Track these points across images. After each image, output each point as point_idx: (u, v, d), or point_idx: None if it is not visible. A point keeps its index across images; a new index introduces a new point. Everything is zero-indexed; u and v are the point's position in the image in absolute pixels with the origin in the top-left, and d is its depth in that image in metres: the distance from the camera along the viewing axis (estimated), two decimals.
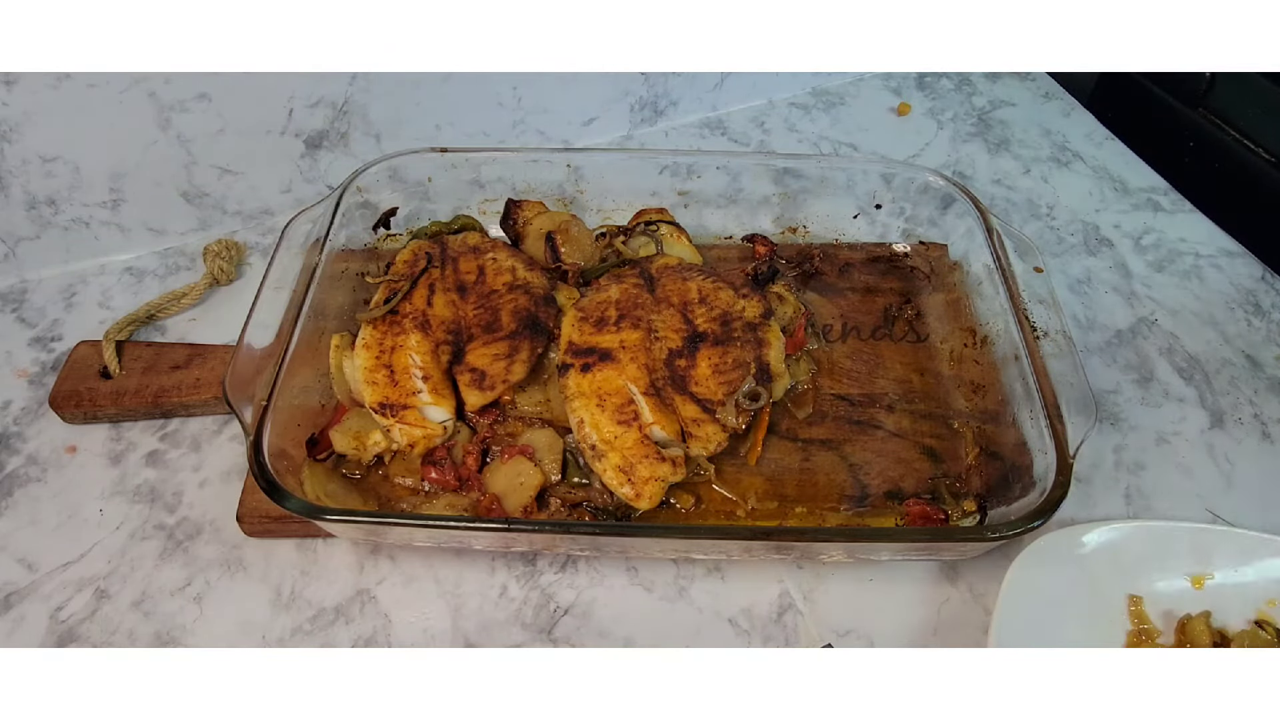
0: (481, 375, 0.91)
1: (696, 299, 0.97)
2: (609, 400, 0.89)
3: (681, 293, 0.98)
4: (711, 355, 0.93)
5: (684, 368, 0.92)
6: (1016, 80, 1.52)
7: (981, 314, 1.02)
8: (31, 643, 0.83)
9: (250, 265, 1.18)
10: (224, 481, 0.94)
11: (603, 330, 0.94)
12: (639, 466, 0.86)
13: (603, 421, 0.88)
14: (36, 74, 0.99)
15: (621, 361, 0.92)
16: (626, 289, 0.99)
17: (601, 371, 0.91)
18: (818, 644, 0.84)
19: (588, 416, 0.88)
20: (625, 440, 0.87)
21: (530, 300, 0.97)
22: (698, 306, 0.97)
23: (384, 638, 0.84)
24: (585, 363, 0.91)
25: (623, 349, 0.93)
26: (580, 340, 0.94)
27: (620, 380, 0.90)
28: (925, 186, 1.10)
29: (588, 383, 0.90)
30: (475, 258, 1.02)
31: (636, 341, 0.93)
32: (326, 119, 1.17)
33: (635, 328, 0.94)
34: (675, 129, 1.41)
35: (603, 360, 0.92)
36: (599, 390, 0.90)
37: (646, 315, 0.96)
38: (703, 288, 0.98)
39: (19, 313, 1.12)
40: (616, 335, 0.94)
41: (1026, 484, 0.84)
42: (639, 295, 0.98)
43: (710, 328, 0.94)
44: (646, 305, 0.97)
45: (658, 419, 0.89)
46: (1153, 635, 0.82)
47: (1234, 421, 1.02)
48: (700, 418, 0.89)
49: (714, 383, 0.91)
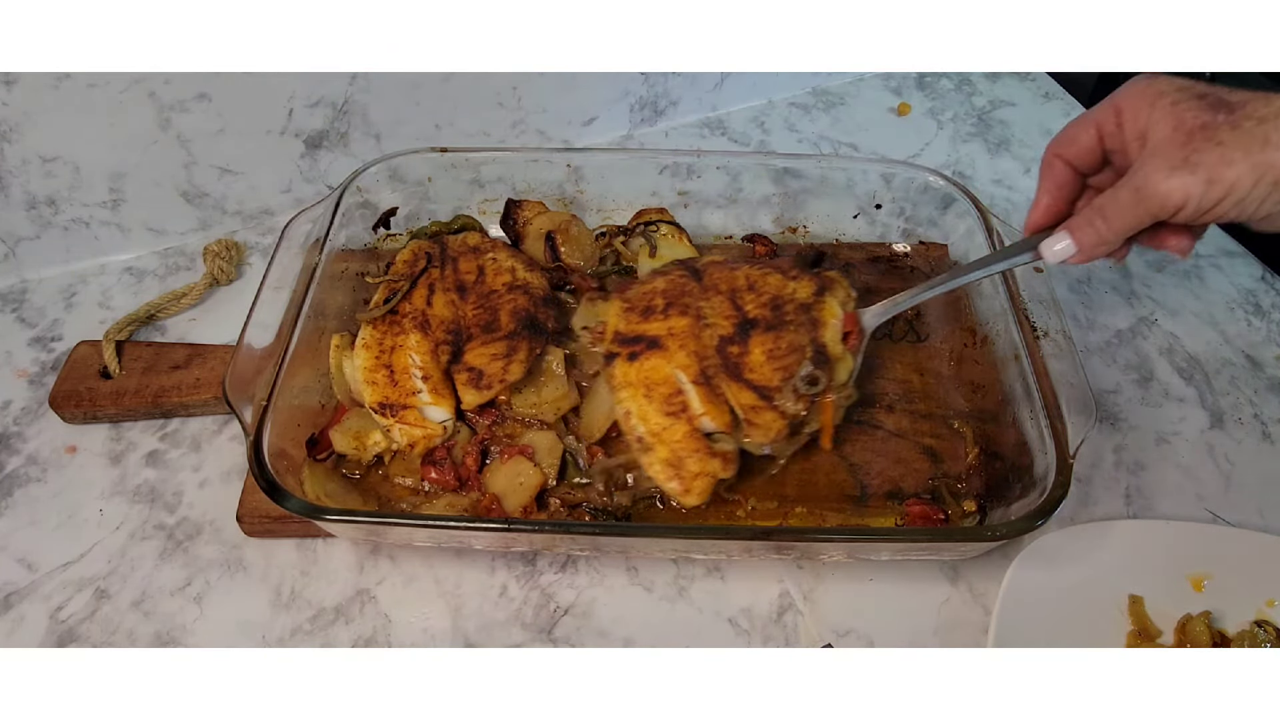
0: (479, 374, 0.91)
1: (745, 286, 0.94)
2: (656, 390, 0.86)
3: (729, 280, 0.95)
4: (765, 341, 0.89)
5: (737, 354, 0.88)
6: (1016, 80, 1.52)
7: (981, 314, 1.02)
8: (31, 643, 0.83)
9: (250, 265, 1.18)
10: (224, 481, 0.94)
11: (649, 319, 0.91)
12: (688, 461, 0.83)
13: (650, 412, 0.85)
14: (36, 74, 0.99)
15: (670, 349, 0.88)
16: (673, 279, 0.96)
17: (649, 360, 0.88)
18: (818, 644, 0.84)
19: (635, 407, 0.86)
20: (674, 433, 0.84)
21: (529, 300, 0.97)
22: (746, 293, 0.93)
23: (384, 638, 0.84)
24: (632, 351, 0.88)
25: (671, 336, 0.89)
26: (626, 329, 0.91)
27: (668, 368, 0.87)
28: (925, 186, 1.10)
29: (635, 372, 0.87)
30: (475, 258, 1.01)
31: (685, 328, 0.90)
32: (326, 119, 1.17)
33: (684, 314, 0.91)
34: (675, 129, 1.41)
35: (650, 348, 0.88)
36: (646, 379, 0.87)
37: (695, 302, 0.93)
38: (750, 274, 0.95)
39: (19, 313, 1.12)
40: (664, 323, 0.90)
41: (1026, 484, 0.84)
42: (686, 284, 0.95)
43: (761, 313, 0.91)
44: (694, 293, 0.94)
45: (707, 409, 0.85)
46: (1153, 635, 0.82)
47: (1234, 421, 1.02)
48: (758, 405, 0.86)
49: (769, 369, 0.87)
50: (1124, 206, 0.70)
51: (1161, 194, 0.66)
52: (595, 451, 0.91)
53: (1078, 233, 0.74)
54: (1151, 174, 0.67)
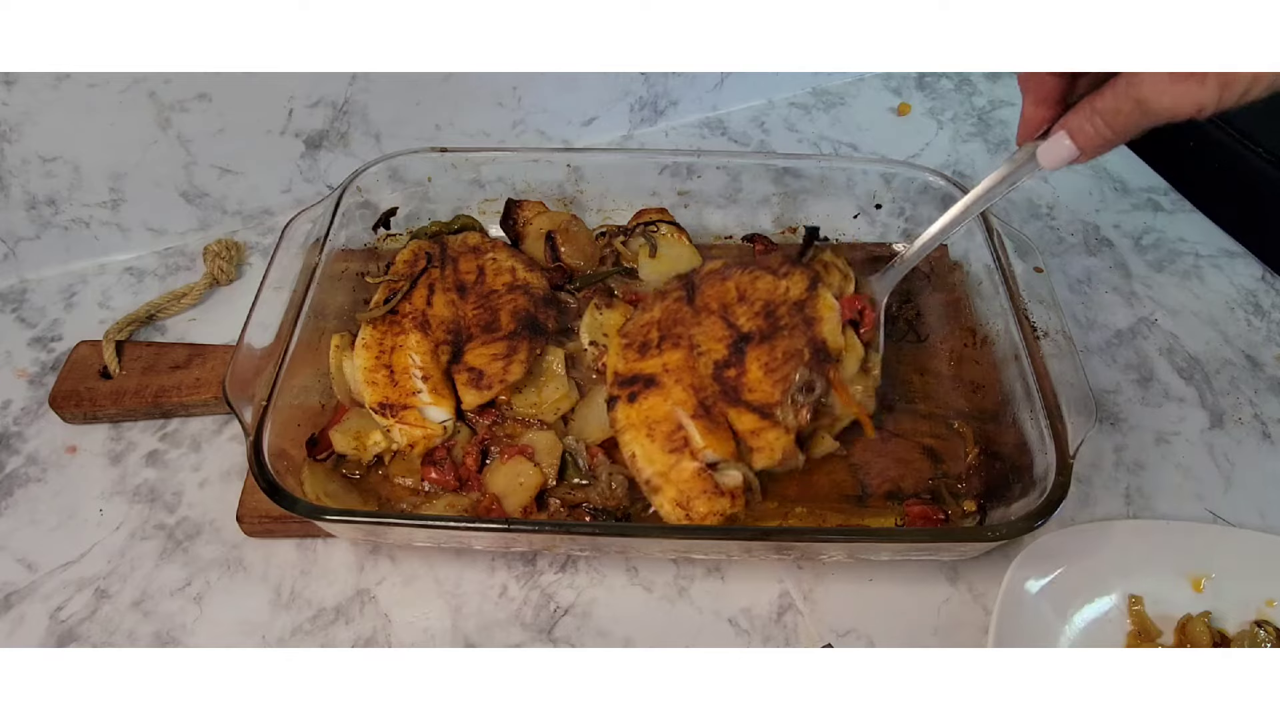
0: (479, 374, 0.91)
1: (735, 298, 0.93)
2: (658, 429, 0.86)
3: (720, 295, 0.94)
4: (760, 355, 0.88)
5: (734, 377, 0.88)
6: (1017, 80, 1.52)
7: (981, 314, 1.02)
8: (31, 643, 0.83)
9: (250, 265, 1.18)
10: (224, 481, 0.94)
11: (645, 355, 0.91)
12: (696, 502, 0.83)
13: (654, 452, 0.85)
14: (36, 74, 0.99)
15: (666, 385, 0.88)
16: (668, 305, 0.95)
17: (647, 399, 0.88)
18: (818, 644, 0.84)
19: (639, 449, 0.86)
20: (681, 473, 0.84)
21: (530, 301, 0.97)
22: (738, 306, 0.92)
23: (384, 638, 0.84)
24: (630, 392, 0.89)
25: (666, 372, 0.89)
26: (625, 369, 0.91)
27: (666, 406, 0.87)
28: (925, 186, 1.10)
29: (635, 413, 0.87)
30: (475, 258, 1.02)
31: (679, 362, 0.90)
32: (326, 119, 1.17)
33: (676, 347, 0.91)
34: (675, 129, 1.41)
35: (647, 387, 0.88)
36: (647, 419, 0.87)
37: (686, 331, 0.92)
38: (739, 283, 0.94)
39: (19, 313, 1.12)
40: (659, 359, 0.90)
41: (1026, 484, 0.84)
42: (679, 310, 0.94)
43: (754, 325, 0.90)
44: (686, 319, 0.93)
45: (709, 441, 0.85)
46: (1153, 635, 0.82)
47: (1234, 421, 1.02)
48: (758, 426, 0.85)
49: (768, 384, 0.87)
50: (1126, 115, 0.66)
51: (1168, 106, 0.63)
52: (595, 451, 0.91)
53: (1078, 134, 0.71)
54: (1154, 84, 0.64)
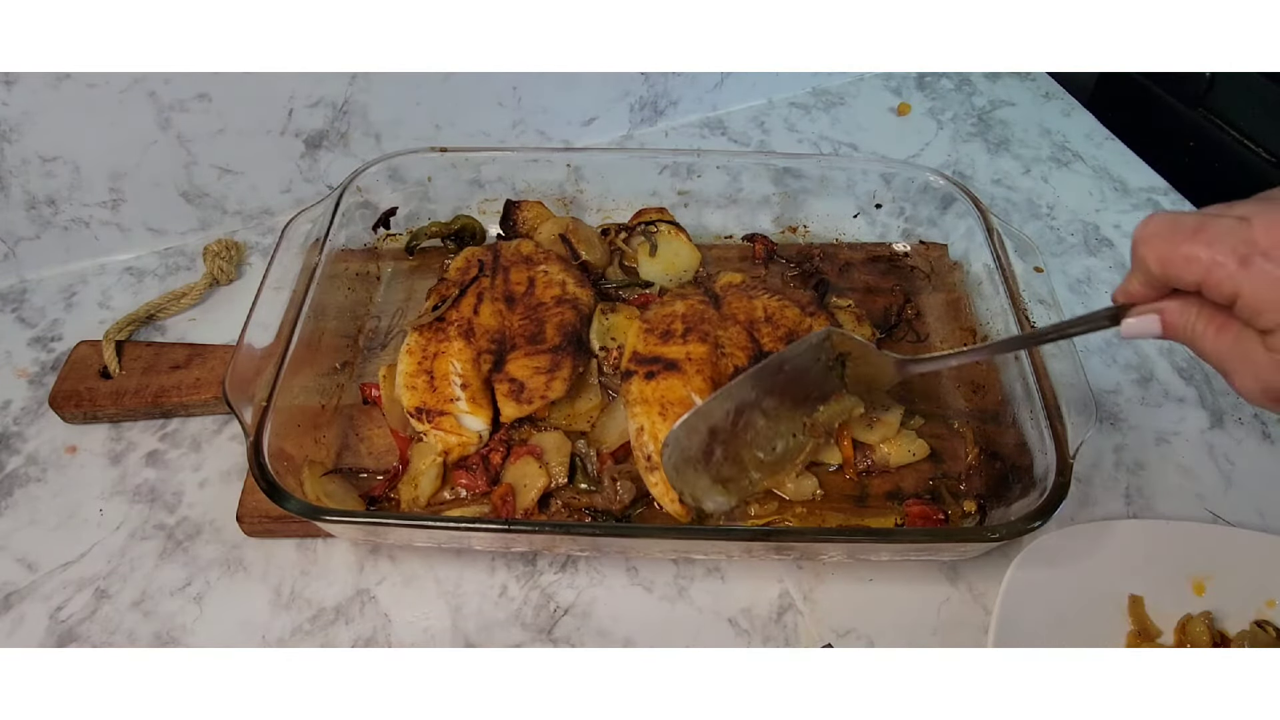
0: (520, 387, 0.90)
1: (763, 317, 0.95)
2: (671, 410, 0.86)
3: (748, 311, 0.95)
4: None
5: None
6: (1016, 80, 1.52)
7: (981, 314, 1.02)
8: (31, 643, 0.83)
9: (250, 265, 1.18)
10: (224, 481, 0.94)
11: (668, 342, 0.92)
12: None
13: (662, 430, 0.84)
14: (36, 74, 0.99)
15: (687, 373, 0.88)
16: (692, 304, 0.96)
17: (666, 380, 0.88)
18: (818, 644, 0.84)
19: (647, 424, 0.86)
20: None
21: (577, 316, 0.95)
22: (764, 325, 0.94)
23: (384, 638, 0.84)
24: (649, 370, 0.89)
25: (689, 360, 0.90)
26: (645, 350, 0.91)
27: (685, 390, 0.87)
28: (925, 186, 1.10)
29: (651, 390, 0.88)
30: (528, 268, 1.00)
31: (703, 355, 0.90)
32: (326, 119, 1.17)
33: (702, 341, 0.91)
34: (675, 129, 1.41)
35: (668, 369, 0.89)
36: (662, 398, 0.87)
37: (713, 331, 0.93)
38: (769, 306, 0.96)
39: (19, 313, 1.12)
40: (683, 348, 0.91)
41: (1026, 484, 0.84)
42: (705, 311, 0.95)
43: (776, 347, 0.91)
44: (713, 321, 0.94)
45: None
46: (1153, 635, 0.82)
47: (1234, 421, 1.02)
48: None
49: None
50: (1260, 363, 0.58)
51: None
52: (605, 458, 0.91)
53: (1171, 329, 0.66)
54: None
